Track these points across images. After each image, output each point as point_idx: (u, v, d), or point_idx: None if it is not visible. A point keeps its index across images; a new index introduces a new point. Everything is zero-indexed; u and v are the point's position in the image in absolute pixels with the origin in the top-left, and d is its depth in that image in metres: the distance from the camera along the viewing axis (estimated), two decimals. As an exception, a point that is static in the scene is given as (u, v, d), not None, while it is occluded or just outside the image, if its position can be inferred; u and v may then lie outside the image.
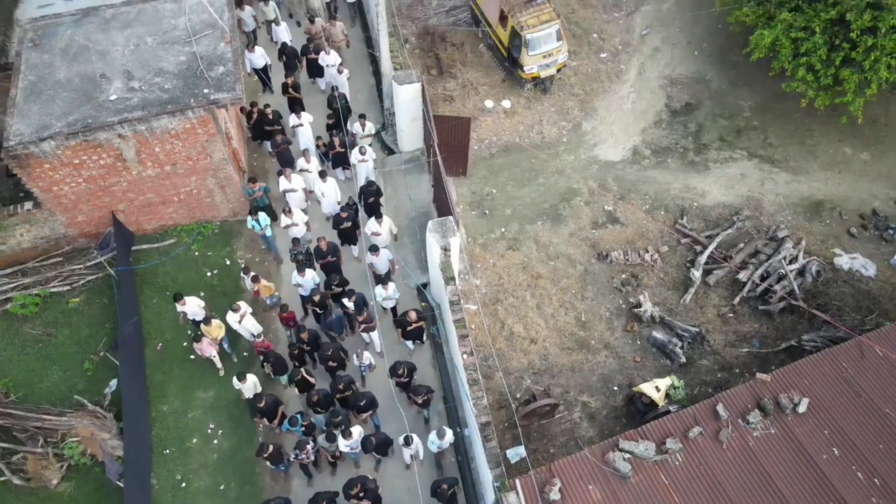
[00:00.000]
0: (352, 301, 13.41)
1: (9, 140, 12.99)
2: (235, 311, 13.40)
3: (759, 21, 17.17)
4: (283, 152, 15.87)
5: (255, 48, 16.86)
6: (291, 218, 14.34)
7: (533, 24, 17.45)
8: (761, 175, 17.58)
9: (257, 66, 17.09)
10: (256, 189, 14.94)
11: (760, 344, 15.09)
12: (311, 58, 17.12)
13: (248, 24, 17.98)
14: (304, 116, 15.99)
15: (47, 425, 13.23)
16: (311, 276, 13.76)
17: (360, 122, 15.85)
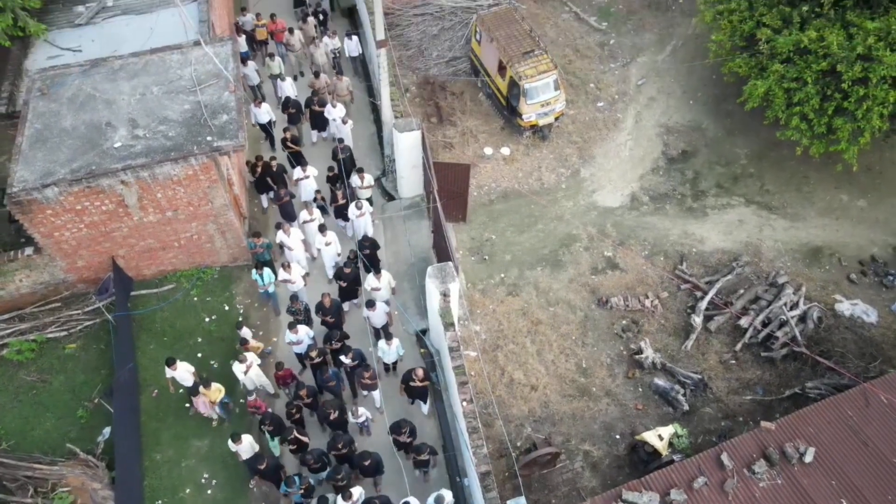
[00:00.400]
0: (349, 357, 13.23)
1: (12, 186, 13.12)
2: (242, 361, 13.22)
3: (752, 72, 17.54)
4: (285, 205, 15.93)
5: (262, 104, 17.18)
6: (289, 273, 14.32)
7: (531, 74, 17.83)
8: (759, 221, 17.68)
9: (262, 121, 17.38)
10: (259, 244, 14.98)
11: (764, 391, 14.90)
12: (314, 110, 17.39)
13: (251, 78, 18.31)
14: (309, 169, 16.16)
15: (38, 474, 12.95)
16: (305, 331, 13.62)
17: (359, 176, 15.99)
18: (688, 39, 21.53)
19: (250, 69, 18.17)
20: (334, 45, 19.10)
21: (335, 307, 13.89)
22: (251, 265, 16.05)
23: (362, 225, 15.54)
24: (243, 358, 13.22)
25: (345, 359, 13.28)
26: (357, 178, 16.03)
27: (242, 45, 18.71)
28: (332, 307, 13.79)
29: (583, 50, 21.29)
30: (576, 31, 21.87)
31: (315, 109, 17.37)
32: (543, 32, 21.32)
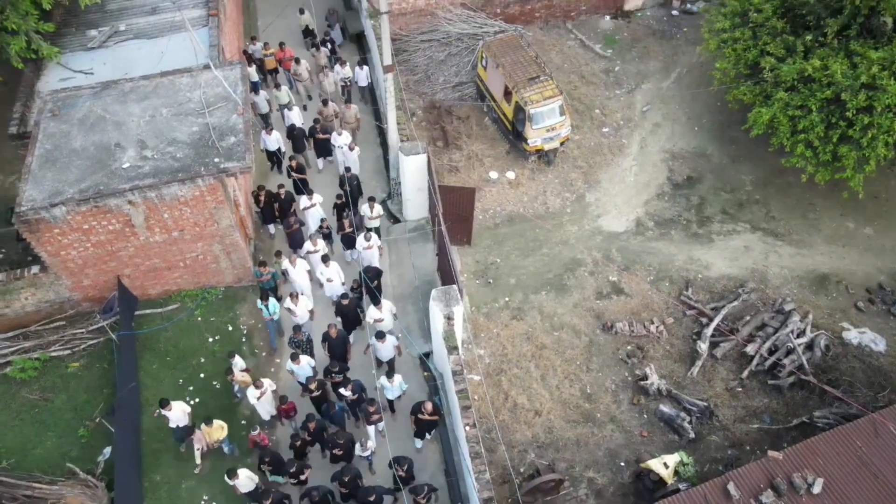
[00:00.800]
0: (348, 390, 13.08)
1: (21, 205, 13.24)
2: (258, 387, 13.11)
3: (757, 99, 17.63)
4: (294, 233, 15.98)
5: (272, 131, 17.38)
6: (295, 304, 14.28)
7: (536, 99, 17.97)
8: (765, 248, 17.62)
9: (271, 148, 17.65)
10: (265, 273, 15.01)
11: (771, 420, 14.72)
12: (318, 138, 17.58)
13: (261, 107, 18.59)
14: (315, 197, 16.25)
15: (37, 494, 12.88)
16: (307, 361, 13.57)
17: (369, 204, 16.12)
18: (692, 67, 21.71)
19: (261, 98, 18.50)
20: (345, 74, 19.33)
21: (341, 338, 13.83)
22: (256, 287, 16.12)
23: (369, 257, 15.57)
24: (259, 384, 13.11)
25: (344, 391, 13.13)
26: (367, 207, 16.16)
27: (253, 75, 18.95)
28: (338, 338, 13.72)
29: (588, 76, 21.48)
30: (581, 57, 22.08)
31: (319, 137, 17.57)
32: (549, 59, 21.55)
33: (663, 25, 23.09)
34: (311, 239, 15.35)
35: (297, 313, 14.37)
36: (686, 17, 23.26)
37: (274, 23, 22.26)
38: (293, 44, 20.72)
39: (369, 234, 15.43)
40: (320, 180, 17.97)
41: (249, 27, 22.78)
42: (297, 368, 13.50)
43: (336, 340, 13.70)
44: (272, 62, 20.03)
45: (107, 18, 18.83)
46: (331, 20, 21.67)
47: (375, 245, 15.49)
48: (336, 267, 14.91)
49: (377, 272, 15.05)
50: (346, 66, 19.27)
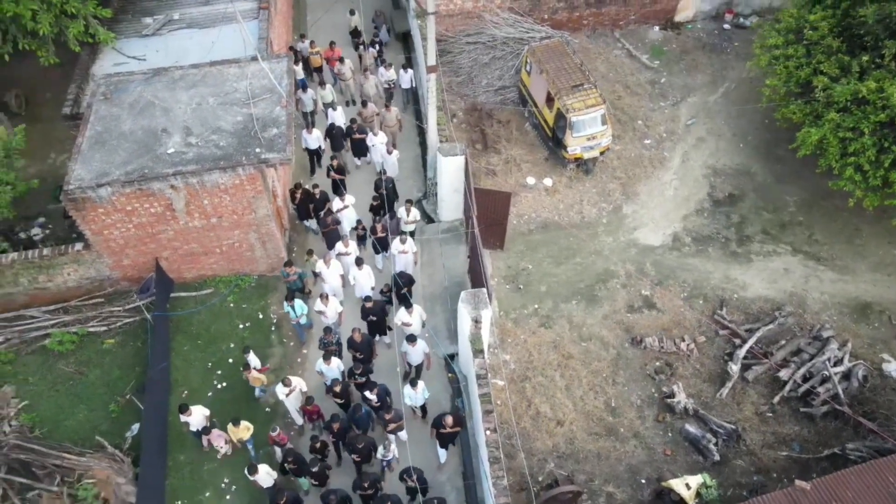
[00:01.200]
0: (373, 393, 13.03)
1: (69, 184, 13.67)
2: (286, 385, 13.13)
3: (807, 119, 17.18)
4: (330, 232, 15.97)
5: (313, 130, 17.53)
6: (326, 305, 14.24)
7: (579, 107, 17.83)
8: (806, 272, 17.16)
9: (311, 146, 17.76)
10: (292, 273, 15.01)
11: (801, 448, 14.32)
12: (354, 138, 17.66)
13: (307, 105, 18.75)
14: (347, 199, 16.28)
15: (66, 464, 13.28)
16: (337, 364, 13.56)
17: (406, 208, 15.99)
18: (741, 82, 21.28)
19: (307, 96, 18.62)
20: (389, 77, 19.45)
21: (366, 342, 13.80)
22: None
23: (403, 262, 15.42)
24: (287, 381, 13.13)
25: (369, 394, 13.06)
26: (403, 211, 16.04)
27: (299, 72, 19.09)
28: (362, 342, 13.69)
29: (633, 87, 21.23)
30: (627, 67, 21.84)
31: (355, 137, 17.64)
32: (594, 67, 21.36)
33: (714, 39, 22.69)
34: (344, 241, 15.38)
35: (328, 314, 14.35)
36: (738, 32, 22.82)
37: (322, 19, 22.56)
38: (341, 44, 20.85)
39: (405, 237, 15.32)
40: (356, 181, 18.04)
41: (299, 22, 23.13)
42: (326, 369, 13.50)
43: (360, 344, 13.65)
44: (317, 60, 20.22)
45: (162, 7, 19.35)
46: (377, 21, 21.73)
47: (411, 250, 15.31)
48: (368, 270, 14.83)
49: (409, 279, 14.89)
50: (391, 69, 19.43)
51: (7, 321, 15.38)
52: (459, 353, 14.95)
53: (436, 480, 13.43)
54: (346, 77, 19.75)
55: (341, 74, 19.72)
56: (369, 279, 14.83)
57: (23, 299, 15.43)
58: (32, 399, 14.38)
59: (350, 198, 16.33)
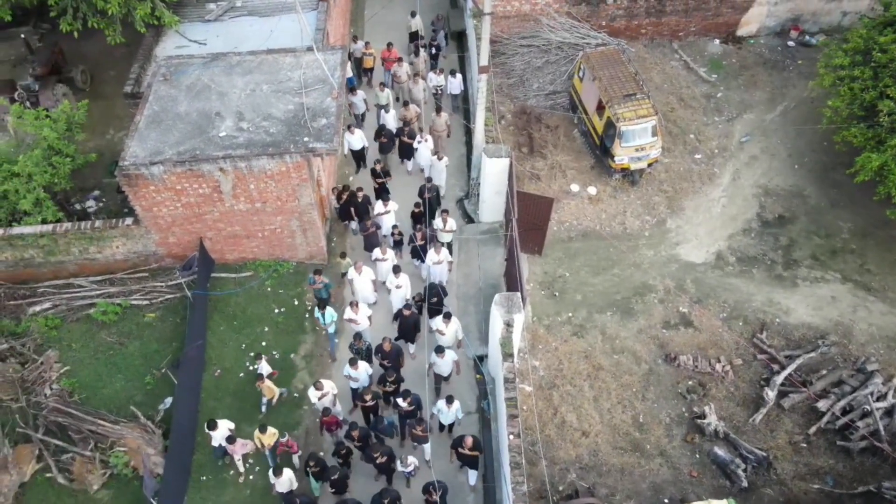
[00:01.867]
0: (406, 402, 12.85)
1: (124, 160, 14.14)
2: (318, 388, 13.15)
3: (868, 144, 16.57)
4: (370, 236, 15.88)
5: (354, 130, 17.53)
6: (356, 313, 14.15)
7: (629, 117, 17.57)
8: (854, 301, 16.54)
9: (354, 147, 17.82)
10: (319, 281, 14.99)
11: (834, 482, 13.83)
12: (403, 141, 17.72)
13: (358, 107, 18.88)
14: (390, 205, 16.22)
15: (100, 430, 13.76)
16: (364, 368, 13.52)
17: (442, 218, 15.76)
18: (801, 102, 20.63)
19: (358, 98, 18.73)
20: (438, 82, 19.49)
21: (394, 351, 13.72)
22: (326, 266, 16.56)
23: (438, 272, 15.29)
24: (320, 385, 13.14)
25: (402, 402, 12.90)
26: (440, 220, 15.77)
27: (349, 72, 18.87)
28: (391, 352, 13.61)
29: (687, 99, 20.80)
30: (683, 79, 21.41)
31: (405, 141, 17.71)
32: (649, 77, 21.01)
33: (776, 55, 22.06)
34: (381, 247, 15.36)
35: (359, 321, 14.24)
36: (802, 49, 22.13)
37: (379, 16, 22.78)
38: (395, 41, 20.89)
39: (440, 248, 15.14)
40: (402, 185, 17.85)
41: (356, 16, 23.39)
42: (353, 373, 13.45)
43: (389, 353, 13.59)
44: (370, 61, 20.31)
45: (225, -6, 19.81)
46: (437, 25, 21.49)
47: (446, 260, 15.12)
48: (406, 278, 14.77)
49: (443, 291, 14.74)
50: (441, 74, 19.51)
51: (57, 288, 16.01)
52: (489, 356, 14.92)
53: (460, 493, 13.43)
54: (402, 80, 19.65)
55: (398, 77, 19.63)
56: (406, 289, 14.75)
57: (73, 268, 16.05)
58: (74, 365, 14.94)
59: (393, 203, 16.28)
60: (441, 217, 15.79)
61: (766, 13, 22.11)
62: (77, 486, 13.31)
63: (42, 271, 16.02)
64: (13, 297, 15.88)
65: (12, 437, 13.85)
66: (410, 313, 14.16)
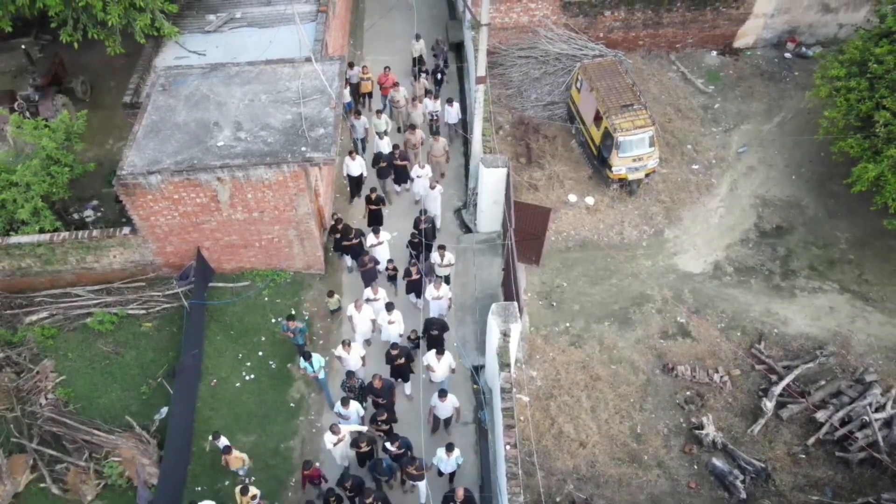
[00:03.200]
0: (395, 445, 12.39)
1: (122, 169, 14.17)
2: (335, 433, 12.43)
3: (865, 154, 16.61)
4: (369, 271, 15.24)
5: (355, 156, 17.11)
6: (348, 352, 13.60)
7: (627, 127, 17.62)
8: (853, 312, 16.51)
9: (353, 173, 17.36)
10: (293, 327, 14.24)
11: (833, 494, 13.74)
12: (397, 164, 17.17)
13: (358, 131, 18.45)
14: (382, 235, 15.64)
15: (95, 440, 13.69)
16: (356, 408, 13.02)
17: (440, 253, 15.20)
18: (798, 113, 20.71)
19: (360, 123, 18.31)
20: (433, 108, 18.89)
21: (386, 388, 13.17)
22: (323, 276, 16.55)
23: (437, 308, 14.88)
24: (336, 430, 12.44)
25: (390, 446, 12.48)
26: (437, 255, 15.27)
27: (346, 96, 18.32)
28: (382, 389, 13.07)
29: (685, 110, 20.88)
30: (680, 90, 21.50)
31: (398, 164, 17.16)
32: (646, 88, 21.11)
33: (773, 67, 22.16)
34: (372, 287, 14.66)
35: (350, 362, 13.74)
36: (799, 61, 22.23)
37: (378, 26, 22.95)
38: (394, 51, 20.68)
39: (439, 283, 14.64)
40: (395, 213, 17.61)
41: (356, 27, 23.54)
42: (344, 412, 12.95)
43: (380, 390, 13.06)
44: (368, 86, 19.82)
45: (225, 5, 19.95)
46: (437, 50, 20.80)
47: (446, 296, 14.66)
48: (399, 316, 14.20)
49: (443, 325, 14.29)
50: (437, 101, 18.97)
51: (54, 297, 16.00)
52: (486, 366, 14.88)
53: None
54: (399, 105, 19.12)
55: (396, 102, 19.11)
56: (399, 326, 14.22)
57: (70, 277, 16.04)
58: (70, 374, 14.89)
59: (385, 234, 15.73)
60: (438, 252, 15.24)
61: (763, 25, 22.25)
62: (71, 496, 13.22)
63: (39, 280, 16.01)
64: (10, 307, 15.85)
65: (7, 447, 13.78)
66: (398, 352, 13.59)
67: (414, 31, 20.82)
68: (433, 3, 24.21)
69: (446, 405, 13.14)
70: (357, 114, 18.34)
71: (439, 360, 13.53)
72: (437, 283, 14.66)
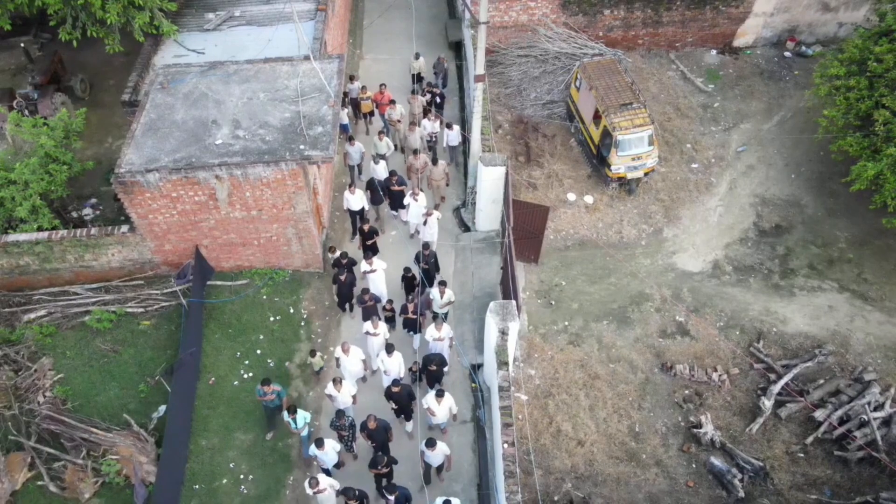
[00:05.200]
0: (393, 497, 11.75)
1: (120, 167, 14.16)
2: (313, 487, 11.63)
3: (864, 153, 16.60)
4: (368, 309, 14.50)
5: (355, 190, 16.30)
6: (338, 391, 12.94)
7: (626, 126, 17.61)
8: (852, 311, 16.49)
9: (353, 207, 16.47)
10: (269, 392, 13.19)
11: (832, 493, 13.72)
12: (393, 189, 16.68)
13: (353, 158, 17.71)
14: (376, 263, 14.95)
15: (93, 438, 13.67)
16: (331, 446, 12.42)
17: (440, 290, 14.55)
18: (798, 112, 20.69)
19: (355, 149, 17.56)
20: (432, 129, 18.23)
21: (381, 429, 12.55)
22: (322, 274, 16.53)
23: (439, 347, 14.22)
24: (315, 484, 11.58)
25: (388, 495, 11.83)
26: (437, 292, 14.62)
27: (343, 118, 18.06)
28: (377, 430, 12.47)
29: (684, 109, 20.86)
30: (680, 89, 21.49)
31: (394, 189, 16.69)
32: (646, 87, 21.10)
33: (773, 66, 22.14)
34: (373, 321, 13.95)
35: (340, 401, 13.15)
36: (798, 60, 22.22)
37: (377, 24, 22.91)
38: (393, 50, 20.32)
39: (440, 323, 13.95)
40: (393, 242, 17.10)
41: (355, 26, 23.53)
42: (320, 454, 12.39)
43: (375, 432, 12.50)
44: (368, 106, 19.15)
45: (224, 4, 19.93)
46: (437, 69, 20.26)
47: (447, 336, 14.05)
48: (399, 358, 13.57)
49: (441, 360, 13.73)
50: (437, 121, 18.29)
51: (52, 295, 15.99)
52: (484, 364, 14.86)
53: (451, 490, 13.33)
54: (395, 122, 18.55)
55: (391, 121, 18.56)
56: (399, 366, 13.61)
57: (68, 276, 16.02)
58: (68, 373, 14.87)
59: (380, 262, 15.02)
60: (438, 289, 14.55)
61: (763, 24, 22.24)
62: (69, 494, 13.20)
63: (37, 279, 15.99)
64: (8, 305, 15.84)
65: (4, 445, 13.76)
66: (399, 389, 13.07)
67: (413, 29, 20.80)
68: (433, 2, 24.22)
69: (437, 454, 12.46)
70: (351, 139, 17.57)
71: (440, 402, 12.99)
72: (438, 323, 13.91)
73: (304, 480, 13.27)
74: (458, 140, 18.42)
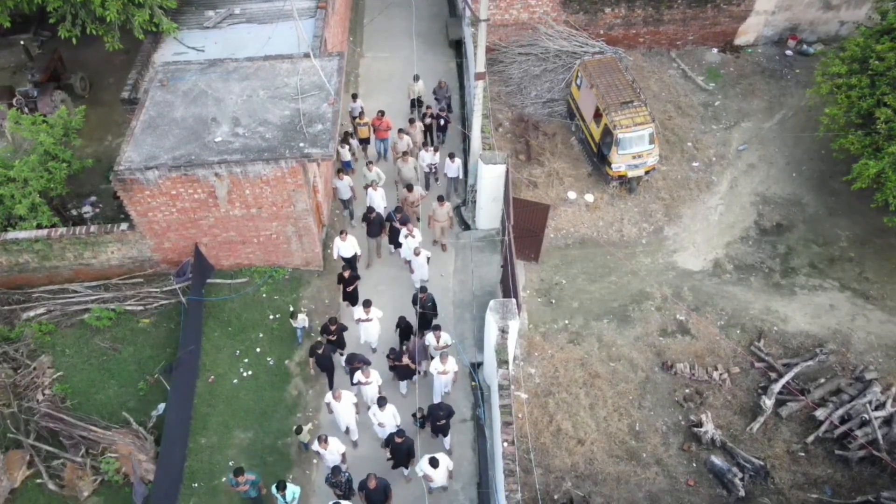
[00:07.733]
0: None
1: (119, 165, 14.13)
2: None
3: (865, 151, 16.55)
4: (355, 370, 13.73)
5: (346, 237, 15.39)
6: (325, 448, 12.44)
7: (626, 124, 17.56)
8: (853, 310, 16.44)
9: (345, 255, 15.56)
10: (242, 482, 12.30)
11: (833, 492, 13.68)
12: (394, 226, 16.01)
13: (342, 192, 16.93)
14: (373, 311, 14.31)
15: (92, 436, 13.65)
16: None
17: (435, 335, 14.02)
18: (799, 110, 20.63)
19: (343, 184, 16.69)
20: (431, 160, 17.47)
21: (381, 489, 12.00)
22: (322, 272, 16.50)
23: (441, 385, 13.84)
24: None
25: None
26: (432, 336, 14.06)
27: (345, 155, 17.70)
28: (377, 489, 11.91)
29: (685, 108, 20.81)
30: (681, 88, 21.44)
31: (395, 226, 15.98)
32: (647, 86, 21.04)
33: (774, 64, 22.09)
34: (363, 371, 13.42)
35: (329, 458, 12.64)
36: (800, 59, 22.16)
37: (377, 22, 22.85)
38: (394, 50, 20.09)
39: (446, 357, 13.50)
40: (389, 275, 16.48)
41: (356, 23, 23.48)
42: None
43: (374, 492, 11.95)
44: (364, 132, 18.34)
45: (224, 1, 19.90)
46: (439, 94, 19.29)
47: (452, 370, 13.56)
48: (392, 410, 12.94)
49: (449, 412, 13.12)
50: (437, 153, 17.55)
51: (51, 293, 15.96)
52: (484, 363, 14.83)
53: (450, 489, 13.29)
54: (398, 150, 17.43)
55: (395, 148, 17.58)
56: (394, 419, 13.02)
57: (67, 273, 16.00)
58: (67, 371, 14.85)
59: (376, 311, 14.44)
60: (434, 334, 14.03)
61: (764, 23, 22.18)
62: (67, 492, 13.19)
63: (37, 276, 15.97)
64: (7, 303, 15.82)
65: (3, 443, 13.75)
66: (403, 440, 12.59)
67: (414, 27, 20.69)
68: (433, 0, 24.16)
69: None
70: (339, 172, 16.90)
71: (437, 467, 12.26)
72: (443, 356, 13.49)
73: (302, 480, 13.37)
74: (459, 172, 17.52)
